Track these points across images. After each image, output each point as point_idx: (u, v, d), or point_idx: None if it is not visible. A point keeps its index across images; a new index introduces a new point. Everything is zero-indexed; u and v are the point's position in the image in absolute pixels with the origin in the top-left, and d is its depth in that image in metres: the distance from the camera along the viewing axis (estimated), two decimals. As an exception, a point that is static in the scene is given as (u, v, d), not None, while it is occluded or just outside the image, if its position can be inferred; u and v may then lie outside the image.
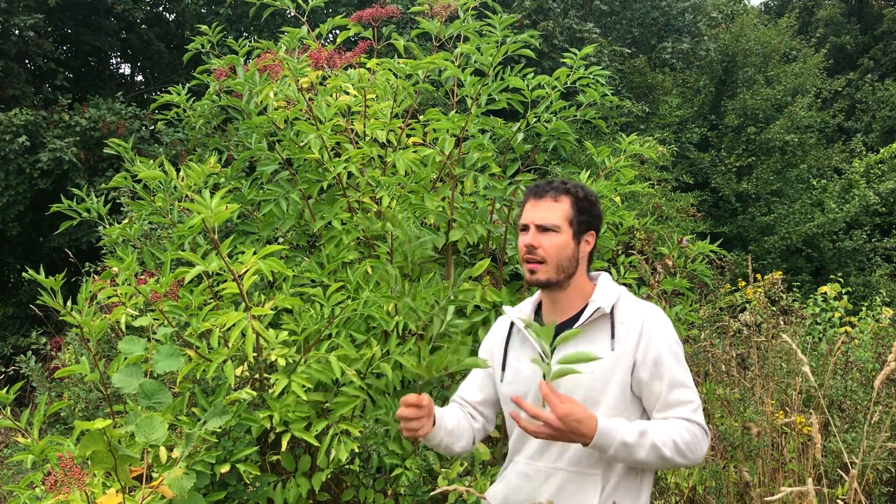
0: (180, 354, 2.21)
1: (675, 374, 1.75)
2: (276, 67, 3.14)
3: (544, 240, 1.79)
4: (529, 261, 1.80)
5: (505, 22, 3.02)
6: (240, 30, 11.45)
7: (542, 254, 1.79)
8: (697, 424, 1.72)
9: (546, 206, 1.81)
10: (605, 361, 1.75)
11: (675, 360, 1.76)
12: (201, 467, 2.34)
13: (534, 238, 1.79)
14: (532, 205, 1.83)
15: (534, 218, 1.81)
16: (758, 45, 14.22)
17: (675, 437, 1.68)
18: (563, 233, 1.80)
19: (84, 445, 1.63)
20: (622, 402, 1.75)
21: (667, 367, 1.74)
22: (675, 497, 3.55)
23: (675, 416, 1.73)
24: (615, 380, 1.75)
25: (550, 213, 1.80)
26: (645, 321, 1.78)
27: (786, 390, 3.94)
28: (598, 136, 10.95)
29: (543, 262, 1.79)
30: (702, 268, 3.39)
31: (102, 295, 2.52)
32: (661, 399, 1.74)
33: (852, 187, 13.02)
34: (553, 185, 1.83)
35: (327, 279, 2.91)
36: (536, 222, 1.80)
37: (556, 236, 1.79)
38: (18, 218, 9.30)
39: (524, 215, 1.85)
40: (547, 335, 1.55)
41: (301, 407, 2.59)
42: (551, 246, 1.79)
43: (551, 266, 1.79)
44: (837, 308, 5.85)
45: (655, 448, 1.65)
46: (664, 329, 1.79)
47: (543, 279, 1.80)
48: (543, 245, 1.79)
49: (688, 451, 1.69)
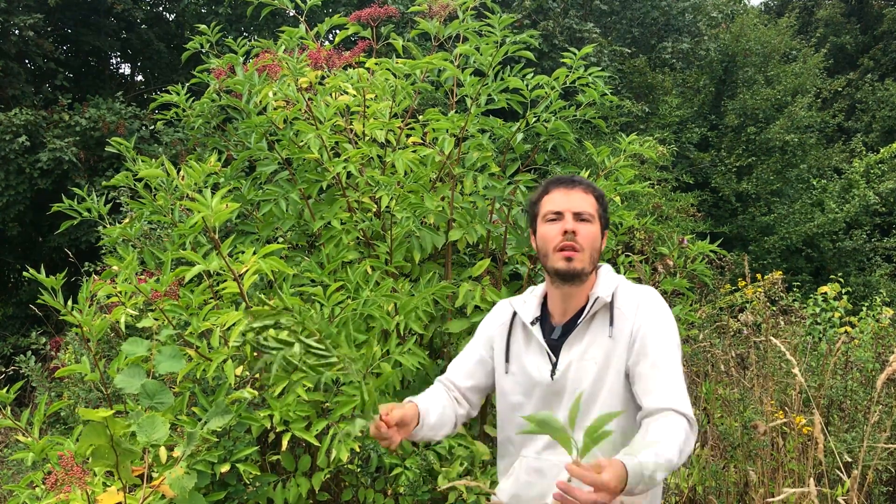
0: (182, 355, 2.21)
1: (660, 354, 1.70)
2: (275, 67, 3.14)
3: (581, 227, 1.77)
4: (567, 248, 1.76)
5: (504, 22, 3.02)
6: (239, 29, 11.45)
7: (582, 241, 1.76)
8: (685, 417, 1.64)
9: (580, 196, 1.80)
10: (607, 348, 1.75)
11: (662, 341, 1.72)
12: (202, 467, 2.35)
13: (573, 223, 1.77)
14: (564, 193, 1.81)
15: (570, 206, 1.79)
16: (758, 45, 14.22)
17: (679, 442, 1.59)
18: (596, 224, 1.80)
19: (85, 439, 1.62)
20: (620, 388, 1.74)
21: (652, 346, 1.71)
22: (675, 497, 3.55)
23: (662, 406, 1.65)
24: (613, 365, 1.74)
25: (586, 203, 1.79)
26: (640, 304, 1.77)
27: (785, 390, 3.94)
28: (598, 136, 10.95)
29: (581, 251, 1.76)
30: (702, 268, 3.39)
31: (102, 294, 2.52)
32: (645, 379, 1.69)
33: (852, 187, 13.02)
34: (578, 178, 1.84)
35: (327, 279, 2.91)
36: (574, 209, 1.78)
37: (591, 226, 1.78)
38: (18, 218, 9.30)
39: (555, 202, 1.81)
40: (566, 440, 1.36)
41: (301, 406, 2.59)
42: (588, 234, 1.77)
43: (587, 254, 1.77)
44: (837, 308, 5.85)
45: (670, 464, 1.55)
46: (658, 311, 1.77)
47: (579, 267, 1.76)
48: (581, 231, 1.77)
49: (686, 450, 1.63)
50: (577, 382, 1.75)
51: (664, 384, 1.68)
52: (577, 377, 1.76)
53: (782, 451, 3.47)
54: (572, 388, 1.76)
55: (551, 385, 1.78)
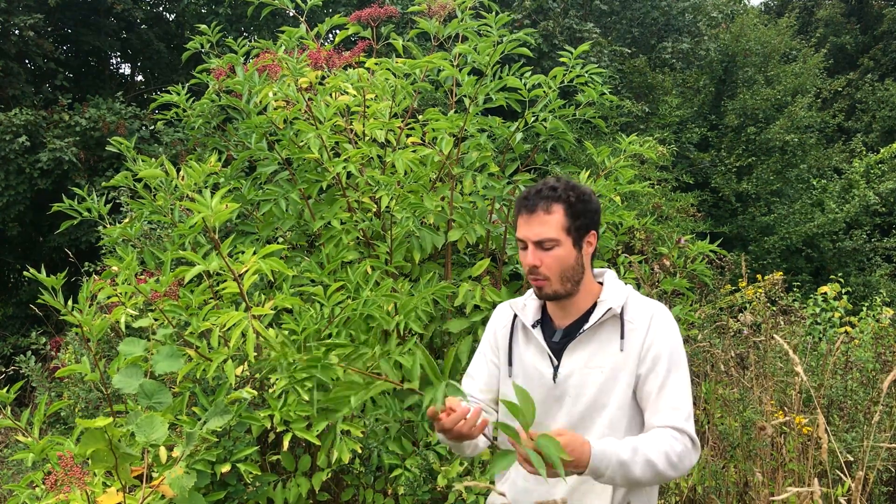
0: (180, 355, 2.21)
1: (669, 374, 1.71)
2: (276, 67, 3.14)
3: (545, 256, 1.73)
4: (534, 278, 1.76)
5: (501, 21, 3.02)
6: (239, 29, 11.45)
7: (545, 271, 1.74)
8: (688, 435, 1.66)
9: (539, 220, 1.72)
10: (616, 360, 1.73)
11: (672, 362, 1.72)
12: (202, 467, 2.35)
13: (534, 256, 1.73)
14: (525, 220, 1.75)
15: (529, 234, 1.74)
16: (758, 45, 14.21)
17: (667, 448, 1.62)
18: (563, 244, 1.73)
19: (85, 444, 1.63)
20: (627, 404, 1.73)
21: (663, 366, 1.71)
22: (675, 497, 3.55)
23: (664, 425, 1.67)
24: (623, 379, 1.72)
25: (545, 228, 1.72)
26: (653, 319, 1.75)
27: (785, 390, 3.94)
28: (597, 136, 10.94)
29: (547, 279, 1.74)
30: (702, 268, 3.39)
31: (102, 294, 2.52)
32: (652, 399, 1.70)
33: (852, 187, 13.02)
34: (542, 194, 1.74)
35: (327, 279, 2.91)
36: (533, 239, 1.73)
37: (556, 250, 1.72)
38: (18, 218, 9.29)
39: (519, 230, 1.77)
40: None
41: (302, 406, 2.59)
42: (553, 261, 1.73)
43: (555, 280, 1.74)
44: (837, 308, 5.84)
45: (650, 463, 1.59)
46: (669, 330, 1.76)
47: (551, 293, 1.76)
48: (545, 262, 1.73)
49: (679, 463, 1.63)
50: (580, 389, 1.75)
51: (670, 405, 1.69)
52: (580, 383, 1.75)
53: (783, 451, 3.47)
54: (574, 395, 1.75)
55: (553, 389, 1.77)
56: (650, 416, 1.71)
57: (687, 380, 1.74)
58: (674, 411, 1.68)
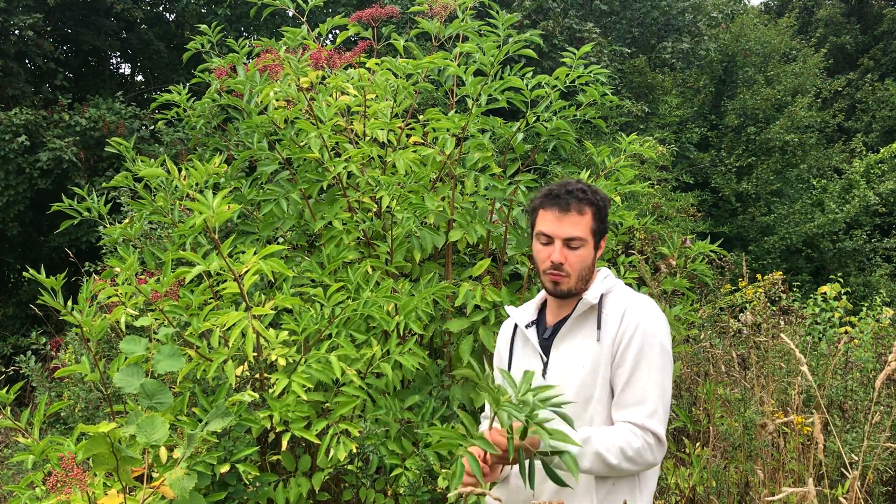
0: (181, 354, 2.21)
1: (638, 368, 1.71)
2: (276, 67, 3.14)
3: (570, 255, 1.79)
4: (554, 274, 1.80)
5: (508, 21, 3.03)
6: (239, 30, 11.45)
7: (568, 268, 1.79)
8: (650, 431, 1.67)
9: (573, 220, 1.78)
10: (595, 353, 1.76)
11: (643, 355, 1.72)
12: (202, 467, 2.34)
13: (560, 253, 1.78)
14: (556, 217, 1.79)
15: (560, 232, 1.79)
16: (758, 45, 14.21)
17: (622, 443, 1.63)
18: (588, 245, 1.80)
19: (87, 449, 1.62)
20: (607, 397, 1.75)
21: (631, 359, 1.72)
22: (675, 497, 3.55)
23: (625, 420, 1.69)
24: (601, 372, 1.75)
25: (578, 228, 1.78)
26: (627, 311, 1.76)
27: (786, 390, 3.94)
28: (598, 136, 10.94)
29: (568, 276, 1.79)
30: (702, 268, 3.39)
31: (103, 295, 2.51)
32: (618, 392, 1.72)
33: (852, 187, 13.02)
34: (575, 195, 1.79)
35: (327, 279, 2.91)
36: (563, 236, 1.78)
37: (581, 250, 1.79)
38: (18, 218, 9.29)
39: (546, 225, 1.81)
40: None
41: (301, 407, 2.59)
42: (577, 259, 1.79)
43: (574, 277, 1.80)
44: (837, 308, 5.84)
45: (599, 456, 1.60)
46: (644, 322, 1.75)
47: (565, 289, 1.81)
48: (569, 259, 1.79)
49: (637, 458, 1.64)
50: (565, 384, 1.77)
51: (633, 399, 1.70)
52: (564, 378, 1.78)
53: (783, 451, 3.46)
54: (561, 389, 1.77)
55: (543, 384, 1.79)
56: (613, 410, 1.73)
57: (660, 375, 1.72)
58: (636, 406, 1.69)
